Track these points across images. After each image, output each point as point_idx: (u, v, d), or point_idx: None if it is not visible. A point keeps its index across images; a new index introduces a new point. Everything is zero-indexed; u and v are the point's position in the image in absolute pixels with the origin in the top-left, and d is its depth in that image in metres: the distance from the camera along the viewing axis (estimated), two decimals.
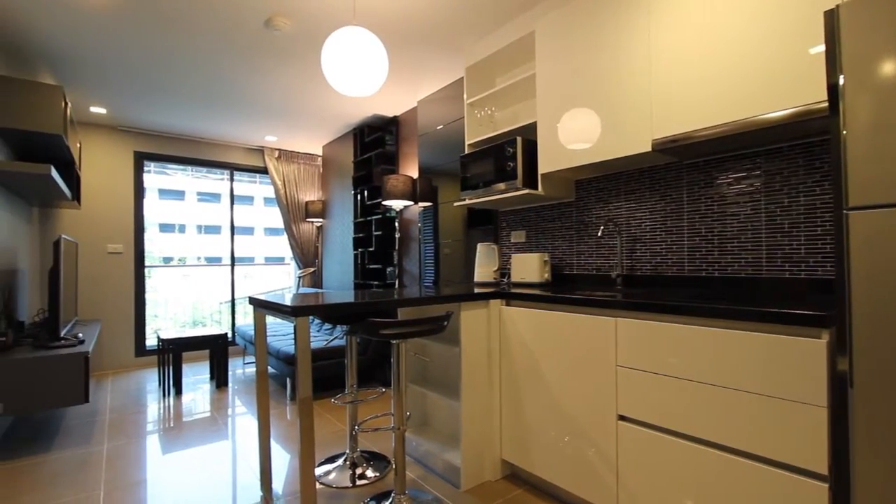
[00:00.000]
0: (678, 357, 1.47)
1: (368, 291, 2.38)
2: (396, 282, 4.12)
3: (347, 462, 2.30)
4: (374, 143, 4.43)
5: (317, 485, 2.15)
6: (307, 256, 5.59)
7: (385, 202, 3.49)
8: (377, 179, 4.29)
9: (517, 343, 2.08)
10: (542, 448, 1.95)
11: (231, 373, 4.41)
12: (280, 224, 5.59)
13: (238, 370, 4.52)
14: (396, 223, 3.98)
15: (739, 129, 1.58)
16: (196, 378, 4.24)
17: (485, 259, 2.86)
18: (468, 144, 2.89)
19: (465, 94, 2.89)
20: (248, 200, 5.89)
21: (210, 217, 5.62)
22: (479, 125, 2.93)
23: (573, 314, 1.83)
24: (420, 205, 3.67)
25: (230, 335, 5.21)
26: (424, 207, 3.73)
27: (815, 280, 1.67)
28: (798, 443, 1.20)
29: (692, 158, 2.03)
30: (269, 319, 5.08)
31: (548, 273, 2.54)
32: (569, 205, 2.60)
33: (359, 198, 4.65)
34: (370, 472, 2.23)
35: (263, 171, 5.46)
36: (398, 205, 3.54)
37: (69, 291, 3.26)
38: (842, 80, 1.10)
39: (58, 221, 4.31)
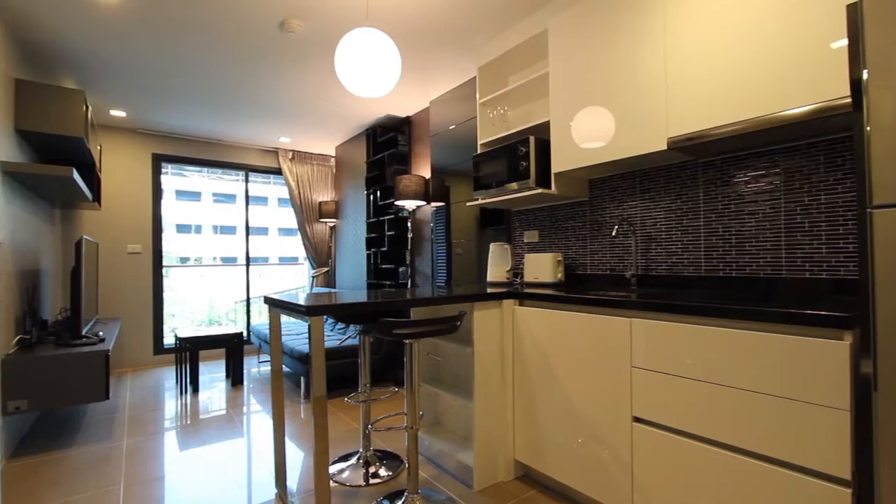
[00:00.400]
0: (695, 358, 1.45)
1: (381, 291, 2.39)
2: (409, 282, 4.13)
3: (361, 461, 2.31)
4: (387, 144, 4.45)
5: (330, 483, 2.17)
6: (321, 256, 5.64)
7: (398, 202, 3.50)
8: (390, 180, 4.31)
9: (530, 343, 2.06)
10: (556, 449, 1.93)
11: (246, 371, 4.47)
12: (294, 224, 5.65)
13: (253, 369, 4.58)
14: (409, 223, 3.99)
15: (758, 127, 1.55)
16: (212, 376, 4.30)
17: (497, 259, 2.85)
18: (481, 144, 2.89)
19: (478, 94, 2.88)
20: (263, 201, 5.97)
21: (225, 218, 5.71)
22: (492, 125, 2.92)
23: (587, 314, 1.81)
24: (432, 205, 3.68)
25: (245, 334, 5.29)
26: (437, 207, 3.74)
27: (837, 280, 1.63)
28: (819, 447, 1.17)
29: (709, 157, 2.00)
30: (284, 319, 5.13)
31: (561, 273, 2.52)
32: (582, 204, 2.58)
33: (371, 198, 4.68)
34: (383, 471, 2.24)
35: (278, 172, 5.53)
36: (411, 205, 3.55)
37: (90, 291, 3.33)
38: (865, 75, 1.07)
39: (79, 222, 4.41)
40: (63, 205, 3.79)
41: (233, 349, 3.99)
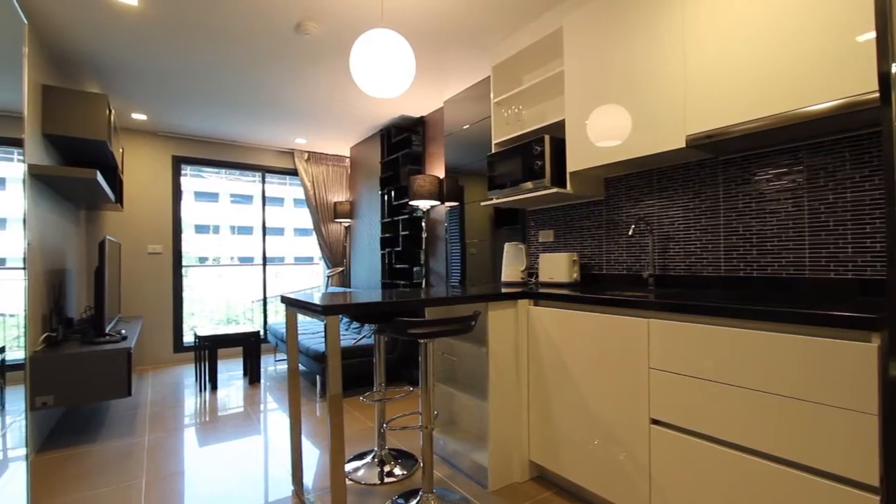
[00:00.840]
0: (716, 360, 1.42)
1: (396, 291, 2.40)
2: (423, 281, 4.14)
3: (376, 459, 2.33)
4: (401, 144, 4.46)
5: (346, 481, 2.18)
6: (335, 256, 5.69)
7: (412, 202, 3.51)
8: (404, 180, 4.33)
9: (545, 343, 2.05)
10: (572, 450, 1.92)
11: (263, 369, 4.54)
12: (309, 225, 5.71)
13: (269, 367, 4.65)
14: (423, 223, 4.00)
15: (780, 123, 1.51)
16: (230, 374, 4.38)
17: (512, 259, 2.84)
18: (495, 143, 2.88)
19: (492, 93, 2.88)
20: (279, 202, 6.04)
21: (243, 218, 5.80)
22: (506, 124, 2.91)
23: (604, 315, 1.79)
24: (446, 204, 3.68)
25: (262, 333, 5.36)
26: (451, 207, 3.74)
27: (864, 281, 1.59)
28: (846, 452, 1.14)
29: (728, 154, 1.96)
30: (300, 318, 5.19)
31: (577, 273, 2.50)
32: (598, 203, 2.56)
33: (386, 198, 4.70)
34: (398, 470, 2.25)
35: (293, 173, 5.59)
36: (425, 205, 3.56)
37: (113, 290, 3.42)
38: (894, 69, 1.04)
39: (102, 223, 4.53)
40: (87, 206, 3.90)
41: (250, 348, 4.05)
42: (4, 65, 1.79)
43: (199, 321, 5.48)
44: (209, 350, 3.86)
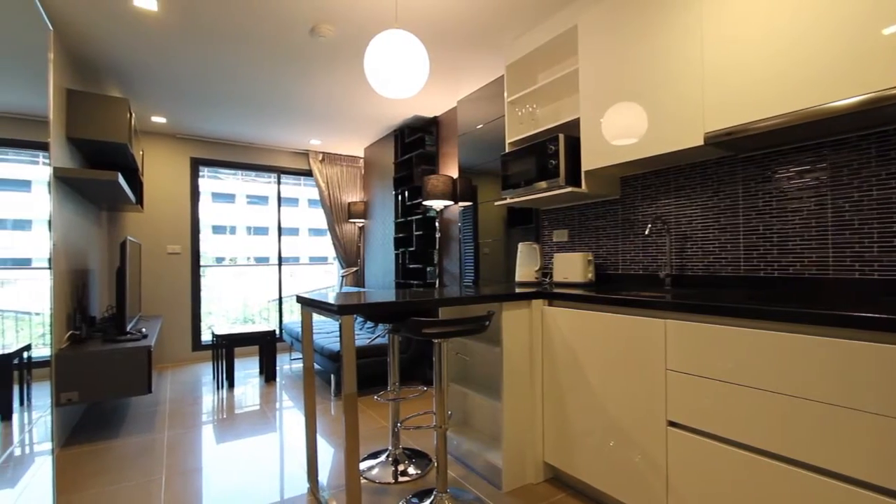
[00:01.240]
0: (736, 362, 1.39)
1: (410, 291, 2.41)
2: (437, 281, 4.15)
3: (390, 458, 2.34)
4: (415, 144, 4.47)
5: (360, 479, 2.20)
6: (350, 256, 5.73)
7: (425, 202, 3.52)
8: (418, 180, 4.34)
9: (560, 344, 2.04)
10: (587, 452, 1.90)
11: (278, 368, 4.59)
12: (324, 225, 5.76)
13: (285, 366, 4.70)
14: (437, 223, 4.01)
15: (803, 120, 1.47)
16: (246, 372, 4.44)
17: (526, 259, 2.83)
18: (509, 143, 2.87)
19: (506, 93, 2.86)
20: (294, 202, 6.11)
21: (258, 219, 5.88)
22: (520, 123, 2.89)
23: (620, 315, 1.77)
24: (460, 204, 3.68)
25: (277, 332, 5.43)
26: (464, 207, 3.74)
27: (890, 281, 1.54)
28: (877, 459, 1.11)
29: (748, 152, 1.92)
30: (315, 317, 5.24)
31: (592, 273, 2.48)
32: (614, 202, 2.53)
33: (400, 198, 4.72)
34: (412, 470, 2.25)
35: (308, 174, 5.65)
36: (438, 205, 3.56)
37: (134, 289, 3.50)
38: None
39: (123, 224, 4.63)
40: (109, 207, 3.99)
41: (266, 346, 4.10)
42: (31, 70, 1.84)
43: (216, 320, 5.56)
44: (226, 349, 3.92)
